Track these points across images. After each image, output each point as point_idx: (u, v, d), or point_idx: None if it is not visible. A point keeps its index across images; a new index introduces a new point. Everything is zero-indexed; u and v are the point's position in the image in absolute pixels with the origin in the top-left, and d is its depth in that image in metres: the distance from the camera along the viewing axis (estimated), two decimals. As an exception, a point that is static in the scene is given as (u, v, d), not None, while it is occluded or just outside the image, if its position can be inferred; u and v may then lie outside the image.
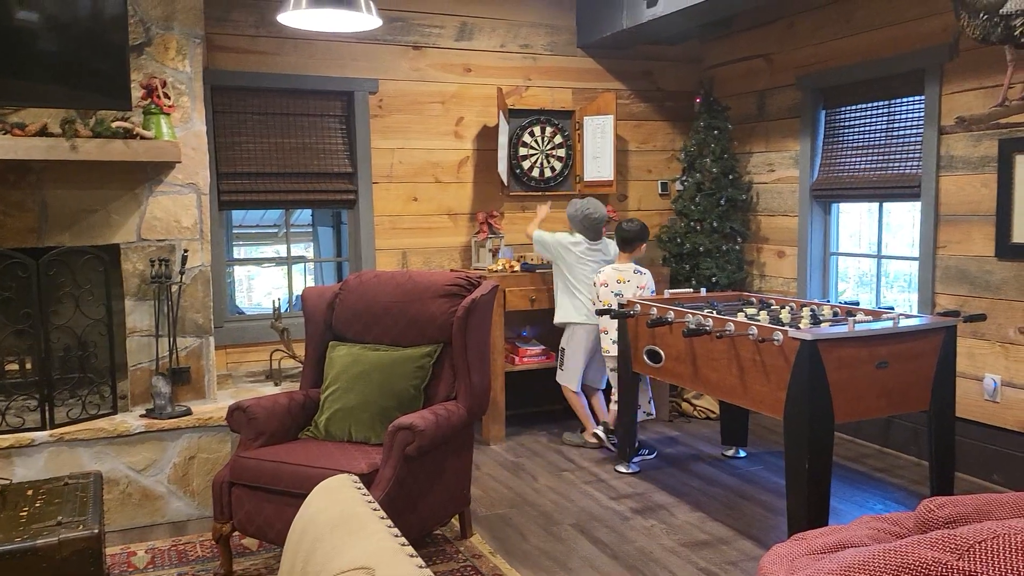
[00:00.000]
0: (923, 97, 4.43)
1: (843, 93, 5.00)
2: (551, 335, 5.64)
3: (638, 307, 4.26)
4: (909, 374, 3.38)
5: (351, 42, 5.06)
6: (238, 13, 4.79)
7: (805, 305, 4.12)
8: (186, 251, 3.92)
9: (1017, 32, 3.36)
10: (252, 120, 4.92)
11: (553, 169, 5.65)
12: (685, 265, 5.55)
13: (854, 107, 4.95)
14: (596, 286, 4.74)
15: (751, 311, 4.08)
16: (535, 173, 5.60)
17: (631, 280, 4.77)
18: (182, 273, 3.90)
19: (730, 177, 5.53)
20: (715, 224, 5.48)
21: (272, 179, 4.96)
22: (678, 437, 5.09)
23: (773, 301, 4.37)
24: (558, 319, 4.92)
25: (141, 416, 3.81)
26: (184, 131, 3.93)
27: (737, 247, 5.54)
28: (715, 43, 5.95)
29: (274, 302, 4.69)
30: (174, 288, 3.91)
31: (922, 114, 4.46)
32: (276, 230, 9.76)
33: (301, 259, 6.30)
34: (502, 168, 5.23)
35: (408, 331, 3.51)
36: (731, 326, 3.56)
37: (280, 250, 10.52)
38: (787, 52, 5.34)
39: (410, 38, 5.22)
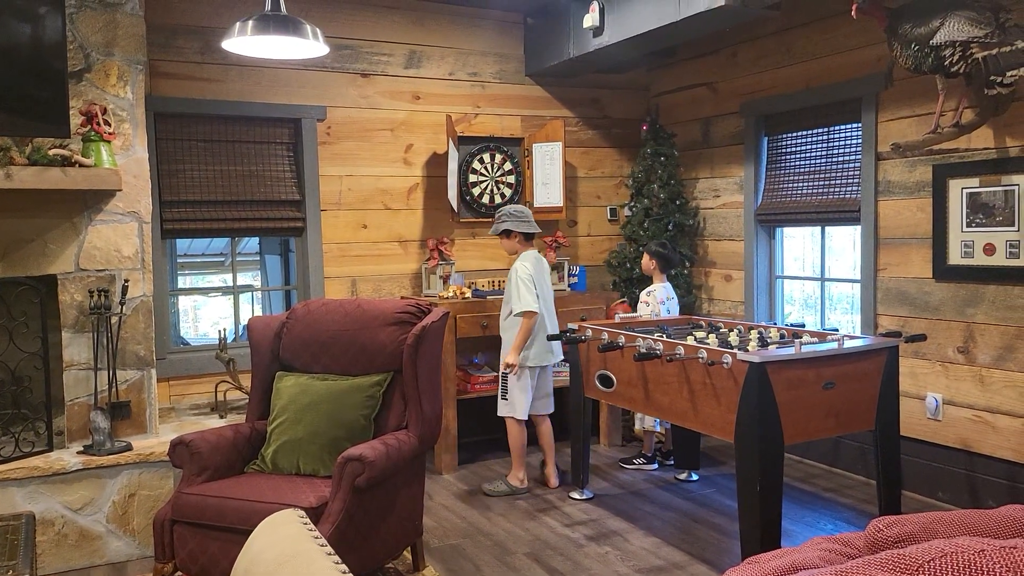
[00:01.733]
0: (860, 124, 4.56)
1: (785, 120, 5.12)
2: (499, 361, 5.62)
3: (589, 332, 4.27)
4: (855, 394, 3.44)
5: (299, 69, 5.02)
6: (183, 40, 4.73)
7: (753, 328, 4.17)
8: (127, 281, 3.81)
9: (947, 62, 3.49)
10: (197, 147, 4.83)
11: (503, 195, 5.66)
12: (635, 290, 5.59)
13: (795, 134, 5.07)
14: (654, 303, 4.81)
15: (700, 334, 4.12)
16: (485, 199, 5.60)
17: (673, 297, 4.95)
18: (122, 304, 3.79)
19: (677, 203, 5.61)
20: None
21: (217, 207, 4.87)
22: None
23: (722, 325, 4.42)
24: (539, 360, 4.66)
25: (79, 453, 3.67)
26: (125, 159, 3.84)
27: (686, 271, 5.61)
28: (661, 72, 6.05)
29: (220, 332, 4.59)
30: (114, 319, 3.79)
31: (860, 141, 4.59)
32: (223, 259, 9.59)
33: (248, 288, 6.18)
34: (452, 195, 5.23)
35: (357, 360, 3.45)
36: (681, 350, 3.58)
37: (227, 279, 10.33)
38: (730, 80, 5.46)
39: (358, 65, 5.21)
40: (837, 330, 4.10)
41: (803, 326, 4.39)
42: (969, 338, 4.06)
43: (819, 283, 5.12)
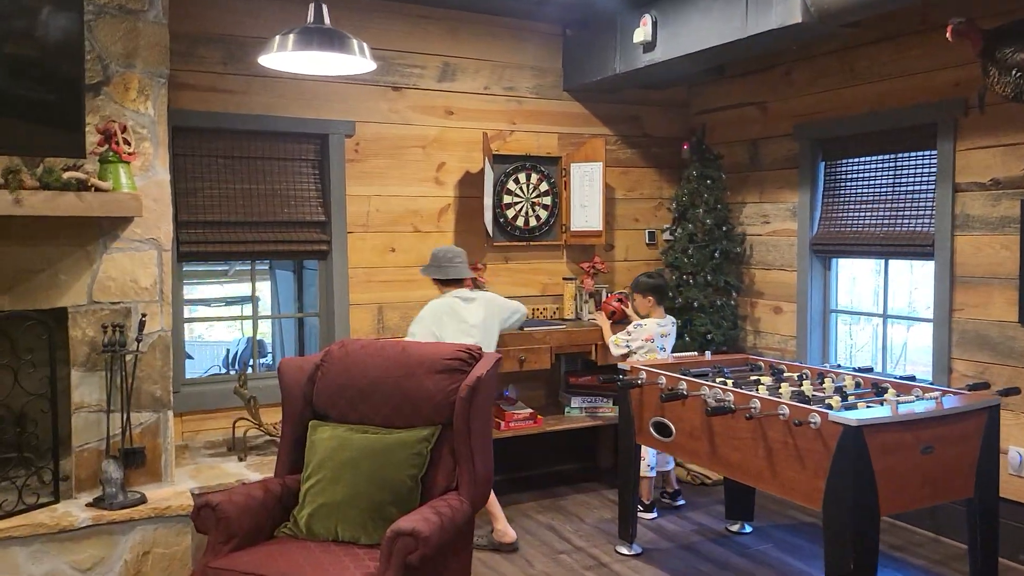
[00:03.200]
0: (935, 152, 4.24)
1: (844, 145, 4.79)
2: (536, 394, 5.29)
3: (644, 375, 3.93)
4: (954, 459, 3.10)
5: (326, 82, 4.67)
6: (204, 49, 4.38)
7: (822, 374, 3.84)
8: (144, 315, 3.46)
9: (1055, 91, 3.17)
10: (217, 164, 4.49)
11: (538, 218, 5.32)
12: (678, 320, 5.25)
13: (857, 160, 4.74)
14: (642, 341, 4.56)
15: (766, 380, 3.79)
16: (519, 222, 5.26)
17: (671, 333, 4.67)
18: (139, 340, 3.44)
19: (724, 229, 5.28)
20: (708, 277, 5.21)
21: (237, 228, 4.52)
22: (675, 508, 4.74)
23: (784, 367, 4.09)
24: None
25: (88, 505, 3.32)
26: (145, 180, 3.50)
27: (732, 302, 5.27)
28: (705, 88, 5.72)
29: (241, 370, 4.22)
30: (129, 357, 3.44)
31: (934, 170, 4.26)
32: (226, 266, 9.20)
33: (266, 316, 5.77)
34: (488, 217, 4.88)
35: (401, 411, 3.11)
36: (757, 404, 3.24)
37: (229, 289, 9.86)
38: (783, 101, 5.14)
39: (389, 78, 4.87)
40: (914, 378, 3.76)
41: (871, 370, 4.07)
42: (1060, 389, 3.73)
43: (881, 320, 4.78)
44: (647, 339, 4.62)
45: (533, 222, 5.31)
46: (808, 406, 3.06)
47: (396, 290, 4.94)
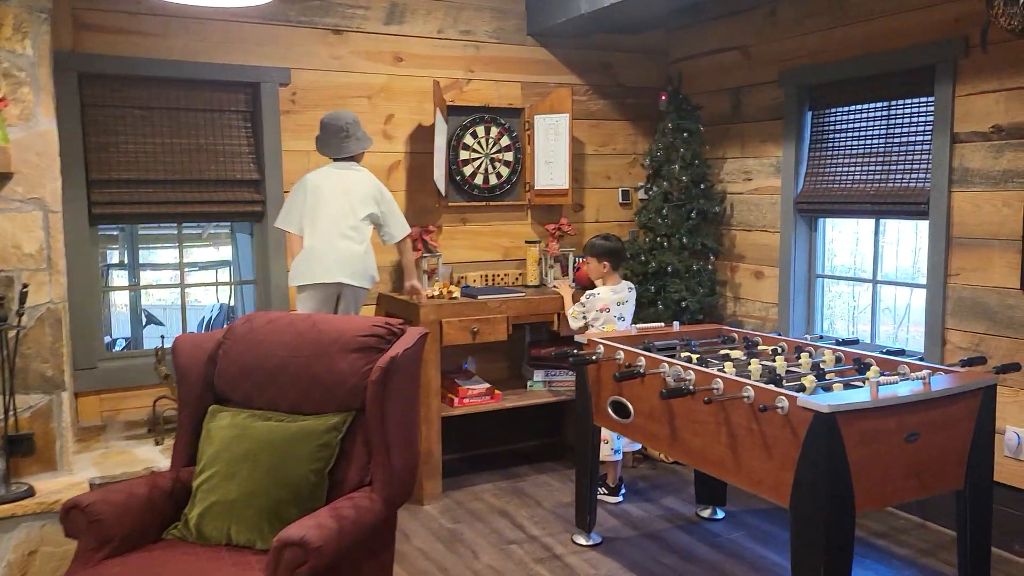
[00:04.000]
0: (932, 99, 3.78)
1: (833, 92, 4.33)
2: (497, 367, 4.90)
3: (601, 349, 3.52)
4: (942, 446, 2.71)
5: (257, 23, 4.21)
6: (113, -16, 3.91)
7: (801, 347, 3.43)
8: (26, 285, 3.04)
9: (1071, 21, 2.71)
10: (133, 116, 4.04)
11: (499, 175, 4.87)
12: (650, 286, 4.84)
13: (846, 108, 4.28)
14: (596, 312, 4.16)
15: (737, 355, 3.39)
16: (478, 180, 4.82)
17: (629, 300, 4.27)
18: (20, 314, 3.03)
19: (702, 186, 4.83)
20: (684, 240, 4.78)
21: (159, 187, 4.09)
22: (644, 489, 4.38)
23: (759, 339, 3.68)
24: (294, 280, 3.88)
25: (-36, 500, 2.94)
26: (24, 132, 3.06)
27: (710, 267, 4.85)
28: (683, 33, 5.24)
29: (159, 343, 3.82)
30: (11, 333, 3.03)
31: (931, 119, 3.81)
32: (199, 228, 8.70)
33: (201, 284, 5.27)
34: (439, 175, 4.44)
35: (310, 395, 2.71)
36: (719, 385, 2.84)
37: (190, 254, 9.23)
38: (767, 44, 4.66)
39: (329, 20, 4.39)
40: (903, 352, 3.36)
41: (857, 341, 3.68)
42: (1065, 364, 3.32)
43: (871, 286, 4.37)
44: (602, 309, 4.20)
45: (493, 180, 4.86)
46: (776, 388, 2.66)
47: (341, 255, 4.50)
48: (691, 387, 2.86)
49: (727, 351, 3.51)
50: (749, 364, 3.09)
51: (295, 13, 4.28)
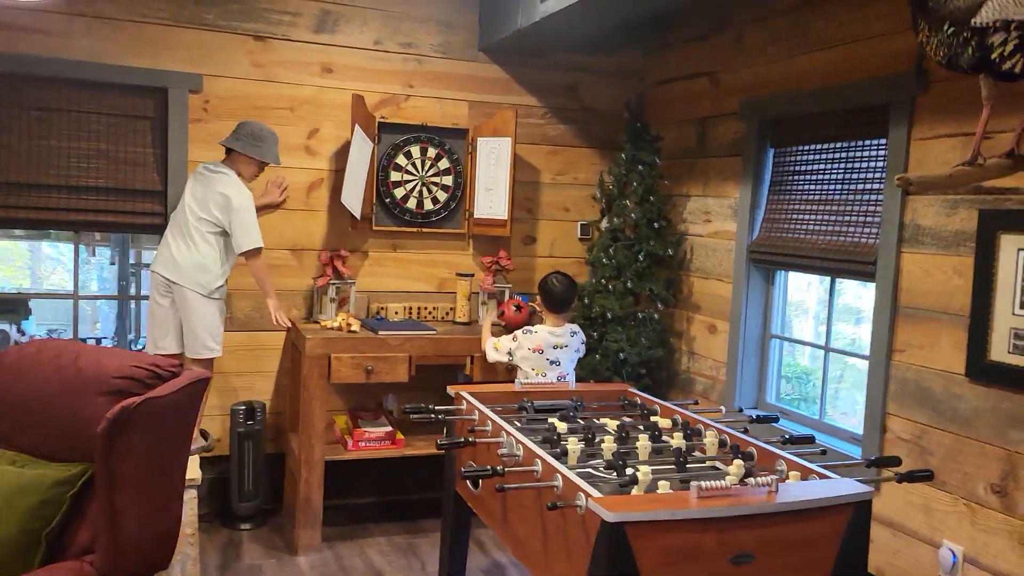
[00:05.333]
0: (885, 141, 3.21)
1: (796, 128, 3.79)
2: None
3: (464, 406, 3.10)
4: (789, 573, 2.17)
5: (170, 25, 3.99)
6: (14, -20, 3.75)
7: (703, 425, 2.90)
8: None
9: (995, 55, 2.14)
10: (28, 117, 3.86)
11: (436, 200, 4.50)
12: (594, 333, 4.36)
13: (807, 147, 3.73)
14: (528, 351, 3.81)
15: (613, 425, 2.91)
16: (410, 204, 4.45)
17: (569, 345, 3.89)
18: None
19: (655, 225, 4.33)
20: (629, 284, 4.28)
21: (51, 193, 3.90)
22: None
23: (658, 408, 3.18)
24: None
25: None
26: None
27: (655, 315, 4.33)
28: (657, 56, 4.76)
29: None
30: None
31: (882, 164, 3.24)
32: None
33: (86, 296, 4.84)
34: (348, 196, 4.09)
35: (63, 440, 2.40)
36: (538, 467, 2.38)
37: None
38: (733, 72, 4.14)
39: (251, 25, 4.13)
40: (813, 438, 2.81)
41: (776, 419, 3.15)
42: (1010, 474, 2.70)
43: (823, 354, 3.77)
44: (534, 349, 3.80)
45: (429, 205, 4.49)
46: (581, 484, 2.18)
47: (250, 275, 4.21)
48: (494, 469, 2.40)
49: (609, 420, 3.03)
50: (602, 442, 2.62)
51: (213, 16, 4.04)
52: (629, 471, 2.31)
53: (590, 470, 2.44)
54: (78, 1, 3.83)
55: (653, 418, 3.11)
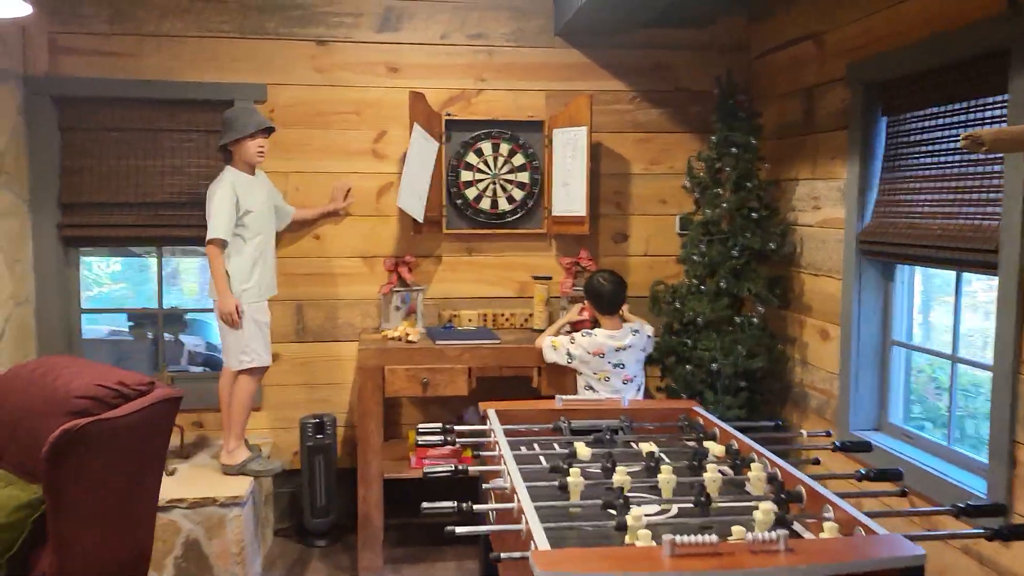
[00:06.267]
0: (1006, 98, 2.52)
1: (907, 89, 3.11)
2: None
3: (490, 425, 2.77)
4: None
5: (234, 38, 3.98)
6: (89, 7, 3.88)
7: (759, 455, 2.40)
8: None
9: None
10: (107, 138, 3.99)
11: (511, 199, 4.19)
12: (687, 340, 3.86)
13: (921, 112, 3.05)
14: (587, 354, 3.53)
15: (647, 452, 2.47)
16: (484, 204, 4.18)
17: (633, 346, 3.61)
18: None
19: (753, 215, 3.77)
20: (723, 284, 3.75)
21: (131, 211, 4.01)
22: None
23: (717, 431, 2.69)
24: None
25: None
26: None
27: (754, 319, 3.76)
28: (761, 24, 4.17)
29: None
30: None
31: (1005, 125, 2.54)
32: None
33: (173, 310, 4.76)
34: (408, 198, 3.87)
35: (34, 460, 2.34)
36: (515, 505, 2.02)
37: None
38: (839, 29, 3.50)
39: (313, 30, 4.04)
40: (899, 474, 2.23)
41: (868, 448, 2.57)
42: None
43: (949, 364, 3.06)
44: (595, 352, 3.46)
45: (504, 204, 4.19)
46: (536, 531, 1.80)
47: (320, 285, 4.14)
48: (465, 504, 2.05)
49: (648, 445, 2.58)
50: (614, 471, 2.20)
51: (274, 24, 3.99)
52: (645, 511, 1.89)
53: (587, 510, 2.04)
54: (147, 22, 3.91)
55: (707, 443, 2.62)
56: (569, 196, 4.08)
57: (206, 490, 3.38)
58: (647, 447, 2.55)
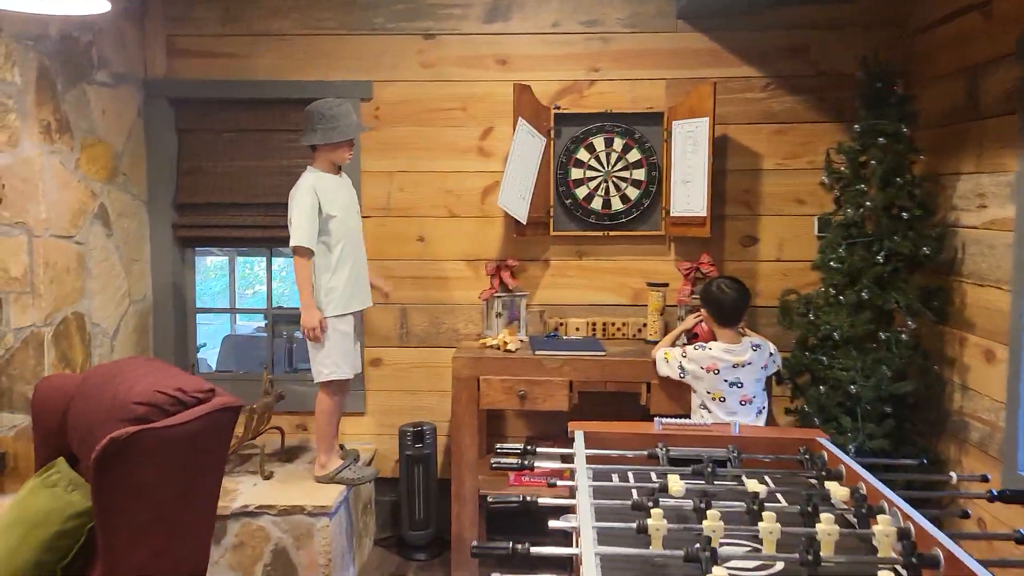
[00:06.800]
0: None
1: (1100, 61, 2.55)
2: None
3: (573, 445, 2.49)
4: None
5: (341, 35, 3.90)
6: (202, 9, 3.92)
7: (890, 504, 1.99)
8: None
9: None
10: (220, 140, 4.01)
11: (625, 198, 3.87)
12: (823, 358, 3.40)
13: (1117, 87, 2.48)
14: (701, 370, 3.17)
15: (753, 491, 2.11)
16: (595, 204, 3.88)
17: (753, 362, 3.19)
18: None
19: (904, 215, 3.26)
20: (865, 294, 3.27)
21: (242, 211, 4.01)
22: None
23: (843, 469, 2.27)
24: None
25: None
26: (12, 158, 3.13)
27: (903, 335, 3.24)
28: (918, -7, 3.63)
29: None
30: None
31: None
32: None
33: (280, 309, 4.71)
34: (509, 198, 3.63)
35: (96, 466, 2.28)
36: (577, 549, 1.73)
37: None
38: (1012, -6, 2.95)
39: (419, 24, 3.89)
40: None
41: (1009, 495, 2.10)
42: None
43: None
44: (709, 368, 3.10)
45: (617, 204, 3.88)
46: (590, 588, 1.50)
47: (425, 288, 3.98)
48: (519, 546, 1.78)
49: (755, 483, 2.21)
50: (710, 519, 1.86)
51: (381, 20, 3.88)
52: (736, 566, 1.57)
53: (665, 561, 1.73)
54: (256, 21, 3.90)
55: (829, 484, 2.22)
56: (689, 195, 3.71)
57: (297, 497, 3.29)
58: (754, 485, 2.18)
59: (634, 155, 3.84)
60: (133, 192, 3.84)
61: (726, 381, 3.13)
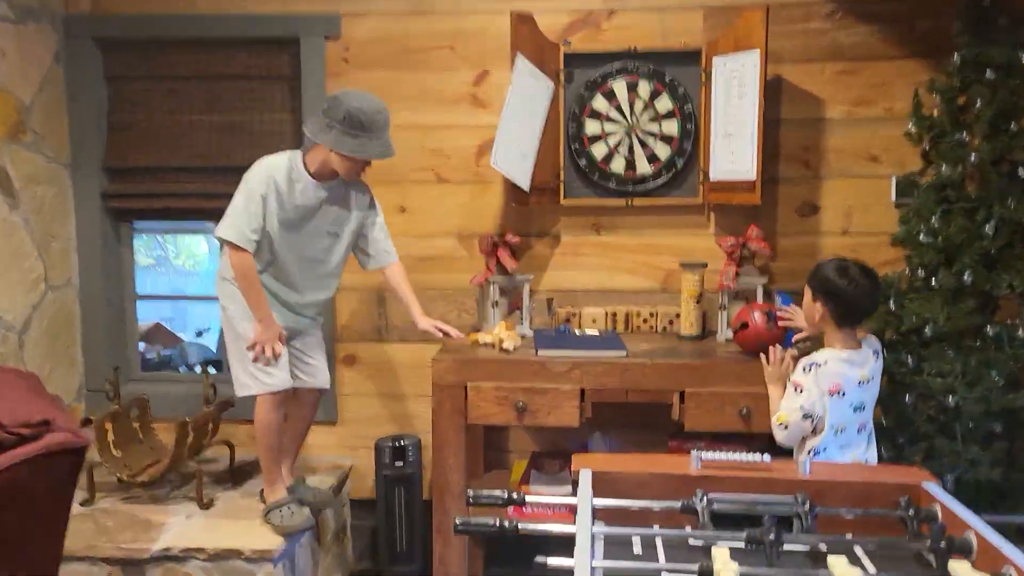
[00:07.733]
0: None
1: None
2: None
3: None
4: None
5: (299, -42, 3.17)
6: (133, -71, 3.20)
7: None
8: None
9: None
10: (157, 90, 3.31)
11: (654, 158, 3.11)
12: (906, 358, 2.64)
13: None
14: (822, 396, 2.25)
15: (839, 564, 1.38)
16: (616, 166, 3.12)
17: (875, 375, 2.34)
18: None
19: (1019, 173, 2.48)
20: (967, 277, 2.49)
21: (186, 176, 3.32)
22: None
23: (973, 538, 1.53)
24: None
25: None
26: None
27: (1020, 331, 2.47)
28: None
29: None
30: None
31: None
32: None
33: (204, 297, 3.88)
34: (506, 156, 2.88)
35: None
36: None
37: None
38: None
39: (397, -59, 3.14)
40: None
41: None
42: None
43: None
44: (833, 391, 2.26)
45: (644, 166, 3.11)
46: None
47: (408, 270, 3.18)
48: None
49: (843, 559, 1.47)
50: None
51: (349, -62, 3.14)
52: None
53: None
54: (198, -57, 3.17)
55: (955, 565, 1.47)
56: (734, 152, 2.93)
57: (235, 537, 2.60)
58: (839, 564, 1.44)
59: (664, 103, 3.07)
60: (48, 154, 3.15)
61: (851, 406, 2.28)
